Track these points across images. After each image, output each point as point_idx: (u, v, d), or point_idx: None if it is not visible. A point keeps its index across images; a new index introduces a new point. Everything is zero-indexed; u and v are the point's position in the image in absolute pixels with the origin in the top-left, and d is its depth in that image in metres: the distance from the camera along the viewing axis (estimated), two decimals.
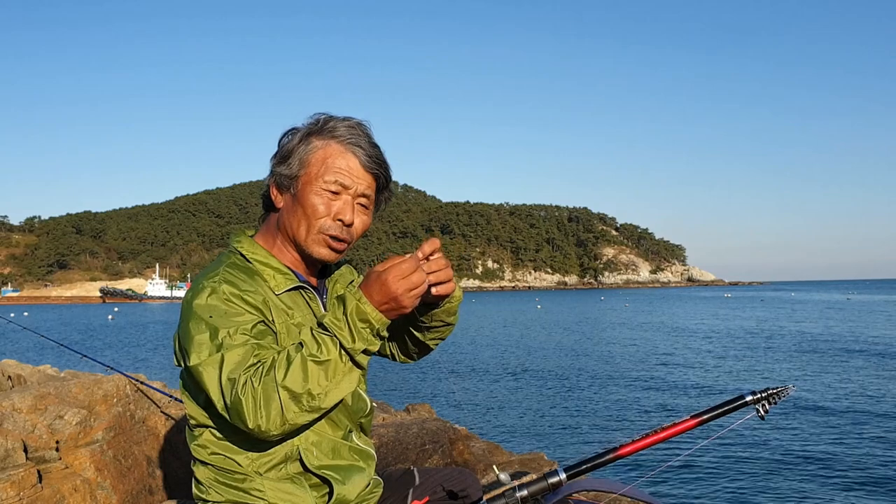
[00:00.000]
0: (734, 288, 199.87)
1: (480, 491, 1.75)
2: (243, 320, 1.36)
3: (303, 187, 1.48)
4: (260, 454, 1.43)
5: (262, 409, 1.27)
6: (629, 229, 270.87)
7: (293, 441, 1.44)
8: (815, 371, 17.75)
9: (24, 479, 2.53)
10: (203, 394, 1.38)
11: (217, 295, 1.38)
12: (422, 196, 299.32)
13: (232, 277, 1.42)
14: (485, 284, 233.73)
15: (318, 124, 1.52)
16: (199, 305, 1.37)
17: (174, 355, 1.49)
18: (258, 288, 1.44)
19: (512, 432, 11.23)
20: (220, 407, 1.33)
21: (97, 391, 3.38)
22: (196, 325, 1.36)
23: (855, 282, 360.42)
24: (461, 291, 1.57)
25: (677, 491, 7.70)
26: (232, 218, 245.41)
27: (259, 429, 1.29)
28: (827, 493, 7.61)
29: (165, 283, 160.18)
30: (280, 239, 1.54)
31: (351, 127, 1.51)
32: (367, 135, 1.52)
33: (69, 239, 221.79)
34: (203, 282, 1.41)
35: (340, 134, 1.49)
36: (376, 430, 4.13)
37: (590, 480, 1.86)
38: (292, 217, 1.50)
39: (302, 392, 1.29)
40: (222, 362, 1.31)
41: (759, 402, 1.71)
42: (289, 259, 1.55)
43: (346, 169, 1.48)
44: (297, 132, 1.53)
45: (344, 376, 1.34)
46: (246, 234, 1.60)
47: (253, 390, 1.28)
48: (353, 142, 1.49)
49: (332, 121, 1.52)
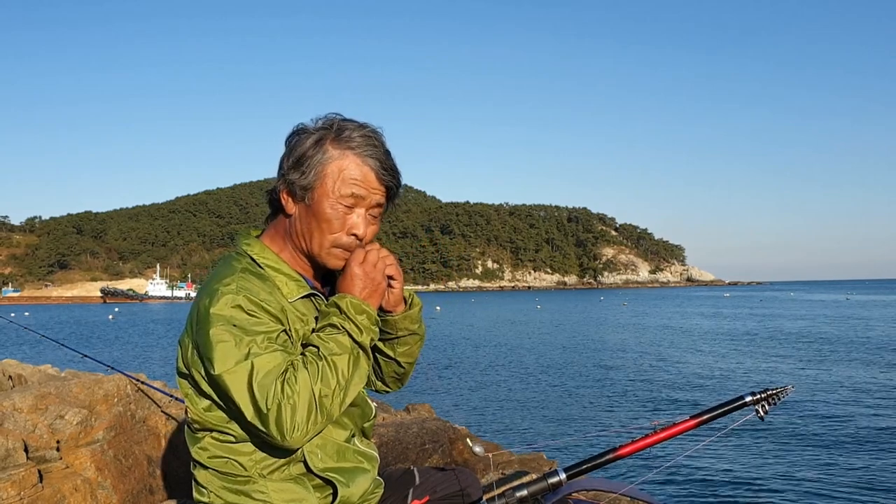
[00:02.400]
0: (734, 288, 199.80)
1: (480, 491, 1.75)
2: (266, 329, 1.36)
3: (318, 199, 1.47)
4: (264, 456, 1.43)
5: (298, 415, 1.29)
6: (628, 229, 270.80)
7: None
8: (814, 371, 17.74)
9: (25, 478, 2.54)
10: (227, 403, 1.36)
11: (237, 303, 1.36)
12: (422, 196, 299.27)
13: (248, 285, 1.40)
14: (484, 284, 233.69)
15: (332, 129, 1.48)
16: (220, 315, 1.34)
17: (180, 360, 1.46)
18: (275, 296, 1.43)
19: (512, 432, 11.23)
20: (251, 415, 1.31)
21: (98, 391, 3.38)
22: (218, 334, 1.33)
23: (855, 282, 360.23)
24: (418, 298, 1.64)
25: (677, 491, 7.70)
26: (232, 218, 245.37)
27: (293, 439, 1.30)
28: (827, 494, 7.61)
29: (166, 283, 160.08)
30: (290, 243, 1.54)
31: (367, 136, 1.49)
32: (382, 144, 1.51)
33: (70, 239, 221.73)
34: (219, 288, 1.38)
35: (357, 144, 1.47)
36: (376, 429, 4.13)
37: (590, 480, 1.87)
38: (305, 228, 1.49)
39: (331, 392, 1.34)
40: (252, 370, 1.30)
41: (758, 403, 1.71)
42: (299, 265, 1.55)
43: (363, 182, 1.47)
44: (308, 134, 1.49)
45: (359, 368, 1.42)
46: (252, 235, 1.58)
47: (290, 397, 1.29)
48: (369, 153, 1.48)
49: (348, 128, 1.48)
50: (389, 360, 1.68)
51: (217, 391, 1.37)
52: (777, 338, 28.24)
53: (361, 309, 1.43)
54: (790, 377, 16.81)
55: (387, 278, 1.52)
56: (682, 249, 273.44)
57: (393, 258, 1.53)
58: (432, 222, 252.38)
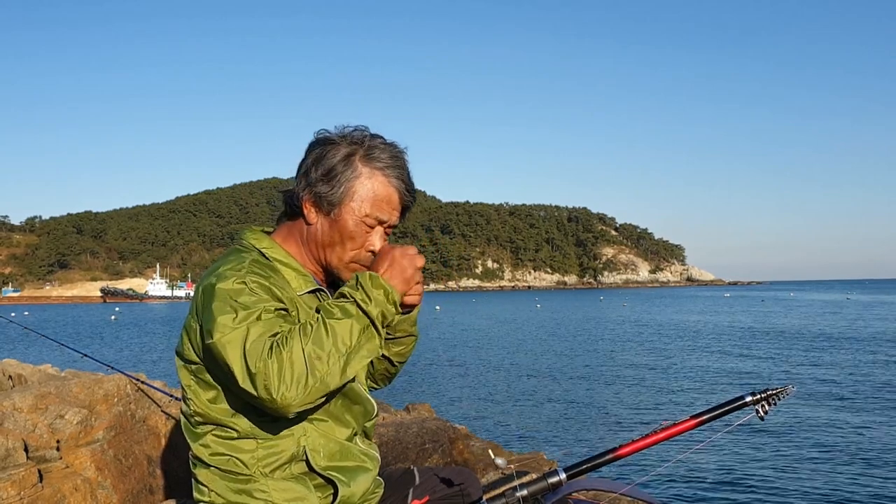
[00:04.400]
0: (734, 288, 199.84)
1: (480, 490, 1.75)
2: (269, 305, 1.36)
3: (343, 216, 1.50)
4: (266, 454, 1.42)
5: (286, 373, 1.26)
6: (628, 229, 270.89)
7: (300, 441, 1.44)
8: (814, 371, 17.75)
9: (25, 478, 2.54)
10: (222, 371, 1.34)
11: (245, 282, 1.37)
12: (422, 196, 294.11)
13: (259, 270, 1.42)
14: (484, 284, 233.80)
15: (362, 145, 1.51)
16: (225, 289, 1.35)
17: (187, 345, 1.44)
18: (286, 286, 1.45)
19: (512, 432, 11.23)
20: (242, 378, 1.29)
21: (98, 391, 3.38)
22: (221, 306, 1.33)
23: (855, 282, 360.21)
24: None
25: (677, 491, 7.70)
26: (232, 218, 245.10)
27: (283, 398, 1.26)
28: (827, 494, 7.61)
29: (166, 283, 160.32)
30: (305, 249, 1.56)
31: (395, 157, 1.52)
32: (406, 165, 1.55)
33: (70, 239, 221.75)
34: (227, 271, 1.39)
35: (385, 165, 1.51)
36: (376, 429, 4.13)
37: (590, 480, 1.87)
38: (327, 240, 1.52)
39: (326, 354, 1.30)
40: (246, 334, 1.30)
41: (758, 403, 1.71)
42: (309, 268, 1.57)
43: (387, 204, 1.52)
44: (336, 147, 1.50)
45: (368, 340, 1.37)
46: (258, 231, 1.59)
47: (279, 355, 1.27)
48: (396, 175, 1.52)
49: (378, 147, 1.51)
50: (382, 359, 1.70)
51: (214, 360, 1.35)
52: (777, 338, 28.25)
53: (379, 284, 1.40)
54: (790, 377, 16.82)
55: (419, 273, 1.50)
56: (682, 249, 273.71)
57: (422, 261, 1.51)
58: (432, 222, 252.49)
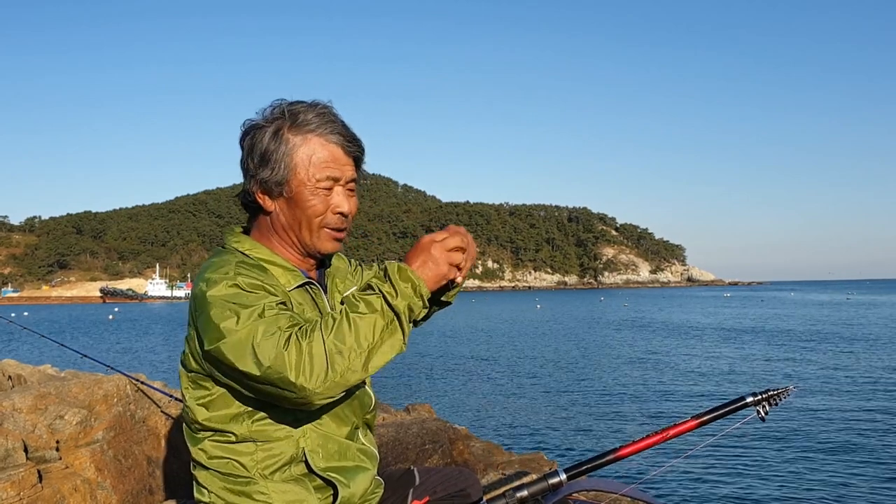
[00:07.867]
0: (734, 288, 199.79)
1: (480, 491, 1.75)
2: (269, 301, 1.33)
3: (297, 190, 1.46)
4: (265, 456, 1.42)
5: (306, 364, 1.22)
6: (629, 229, 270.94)
7: (299, 442, 1.43)
8: (815, 372, 17.75)
9: (25, 478, 2.53)
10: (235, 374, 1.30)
11: (234, 283, 1.34)
12: (422, 196, 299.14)
13: (246, 271, 1.39)
14: (485, 284, 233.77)
15: (284, 116, 1.46)
16: (219, 295, 1.32)
17: (185, 356, 1.44)
18: (276, 283, 1.42)
19: (512, 432, 11.22)
20: (257, 371, 1.25)
21: (97, 391, 3.38)
22: (220, 313, 1.30)
23: (855, 282, 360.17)
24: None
25: (677, 492, 7.70)
26: (232, 218, 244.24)
27: (303, 388, 1.23)
28: (827, 494, 7.61)
29: (166, 283, 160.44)
30: (276, 239, 1.53)
31: (322, 114, 1.47)
32: (337, 117, 1.50)
33: (69, 239, 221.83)
34: (214, 276, 1.36)
35: (316, 125, 1.46)
36: (376, 429, 4.13)
37: (590, 481, 1.87)
38: (292, 219, 1.49)
39: (347, 349, 1.25)
40: (254, 331, 1.26)
41: (759, 404, 1.71)
42: (289, 257, 1.54)
43: (333, 162, 1.47)
44: (262, 128, 1.46)
45: (390, 335, 1.31)
46: (238, 232, 1.57)
47: (297, 347, 1.23)
48: (330, 130, 1.47)
49: (300, 112, 1.46)
50: None
51: (224, 365, 1.31)
52: (778, 338, 28.24)
53: (408, 276, 1.34)
54: (791, 378, 16.82)
55: (454, 268, 1.43)
56: (682, 249, 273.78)
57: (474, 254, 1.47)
58: (432, 222, 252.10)
